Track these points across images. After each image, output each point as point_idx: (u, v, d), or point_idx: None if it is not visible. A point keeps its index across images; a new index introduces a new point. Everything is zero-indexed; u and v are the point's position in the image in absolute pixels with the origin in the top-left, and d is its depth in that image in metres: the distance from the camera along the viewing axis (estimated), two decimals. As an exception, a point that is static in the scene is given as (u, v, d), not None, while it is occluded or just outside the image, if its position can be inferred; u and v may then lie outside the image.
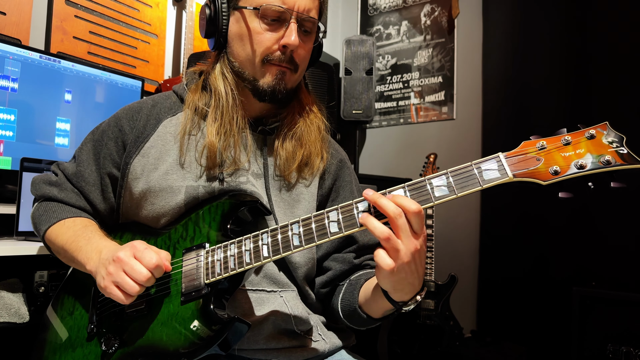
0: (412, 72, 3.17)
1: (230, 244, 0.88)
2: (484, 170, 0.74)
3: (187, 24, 2.49)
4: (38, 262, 1.38)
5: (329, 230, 0.80)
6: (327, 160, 1.12)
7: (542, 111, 2.48)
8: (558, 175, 0.71)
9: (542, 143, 0.73)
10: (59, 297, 1.08)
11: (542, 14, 2.54)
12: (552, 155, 0.72)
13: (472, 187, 0.74)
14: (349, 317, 1.03)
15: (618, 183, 0.69)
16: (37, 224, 1.07)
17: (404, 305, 0.86)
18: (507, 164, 0.73)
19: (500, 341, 2.48)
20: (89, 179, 1.07)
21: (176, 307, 0.89)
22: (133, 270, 0.83)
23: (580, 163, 0.70)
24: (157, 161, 1.02)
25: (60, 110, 1.83)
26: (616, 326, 1.85)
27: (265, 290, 1.00)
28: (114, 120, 1.09)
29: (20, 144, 1.71)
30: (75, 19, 2.18)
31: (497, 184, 0.73)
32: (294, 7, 0.98)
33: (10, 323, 1.27)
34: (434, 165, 2.43)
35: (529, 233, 2.47)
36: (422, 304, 2.33)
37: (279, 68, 1.01)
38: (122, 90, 2.05)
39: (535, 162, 0.73)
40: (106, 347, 0.93)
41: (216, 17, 1.04)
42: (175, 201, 0.99)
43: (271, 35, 0.99)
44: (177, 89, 1.13)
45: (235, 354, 0.98)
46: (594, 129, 0.71)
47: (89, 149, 1.09)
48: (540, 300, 2.41)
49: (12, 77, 1.69)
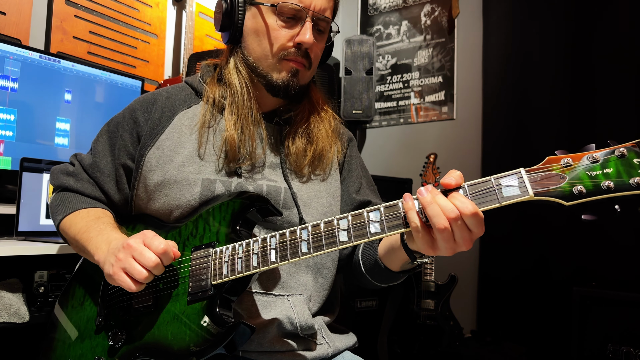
0: (412, 72, 3.17)
1: (238, 246, 0.88)
2: (504, 187, 0.70)
3: (187, 24, 2.49)
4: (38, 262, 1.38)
5: (338, 240, 0.79)
6: (340, 153, 1.16)
7: (543, 111, 2.48)
8: (583, 198, 0.66)
9: (568, 160, 0.68)
10: (70, 288, 1.09)
11: (542, 13, 2.54)
12: (577, 174, 0.67)
13: (490, 204, 0.71)
14: (371, 270, 1.04)
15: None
16: (54, 213, 1.09)
17: (420, 257, 0.86)
18: (528, 180, 0.69)
19: (500, 341, 2.48)
20: (104, 169, 1.08)
21: (183, 306, 0.90)
22: (142, 256, 0.84)
23: (607, 184, 0.65)
24: (173, 153, 1.03)
25: (60, 110, 1.83)
26: (616, 326, 1.84)
27: (272, 294, 1.00)
28: (128, 112, 1.10)
29: (20, 144, 1.71)
30: (75, 18, 2.18)
31: (516, 202, 0.69)
32: (311, 6, 1.00)
33: (10, 323, 1.27)
34: (434, 165, 2.43)
35: (529, 233, 2.47)
36: (422, 304, 2.33)
37: (294, 64, 1.03)
38: (122, 90, 2.05)
39: (559, 181, 0.68)
40: (113, 342, 0.93)
41: (232, 11, 1.05)
42: (191, 194, 0.99)
43: (287, 32, 1.01)
44: (191, 81, 1.13)
45: (239, 355, 0.98)
46: (624, 147, 0.65)
47: (104, 140, 1.10)
48: (540, 300, 2.41)
49: (12, 77, 1.69)
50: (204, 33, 2.73)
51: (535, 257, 2.45)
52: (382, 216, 0.77)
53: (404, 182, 2.67)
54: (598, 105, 2.30)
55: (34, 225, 1.52)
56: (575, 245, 2.30)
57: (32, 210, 1.52)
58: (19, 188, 1.50)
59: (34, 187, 1.53)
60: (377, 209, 0.78)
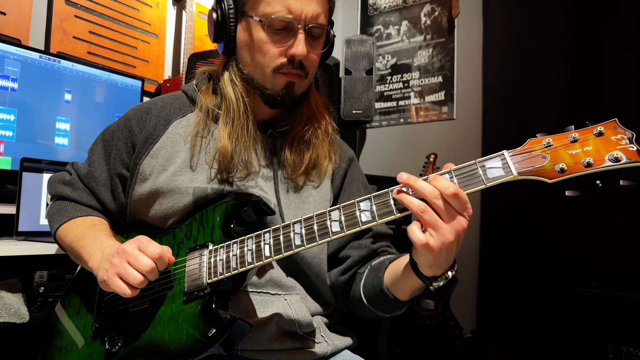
0: (412, 72, 3.17)
1: (233, 244, 0.89)
2: (488, 169, 0.72)
3: (187, 24, 2.49)
4: (38, 262, 1.38)
5: (330, 230, 0.80)
6: (336, 162, 1.13)
7: (543, 111, 2.47)
8: (565, 174, 0.69)
9: (549, 140, 0.71)
10: (67, 294, 1.09)
11: (542, 13, 2.54)
12: (558, 153, 0.70)
13: (476, 186, 0.73)
14: (374, 301, 1.02)
15: (627, 181, 0.67)
16: (51, 221, 1.10)
17: (434, 280, 0.84)
18: (511, 161, 0.72)
19: (500, 341, 2.49)
20: (99, 179, 1.08)
21: (179, 306, 0.90)
22: (137, 261, 0.84)
23: (587, 160, 0.67)
24: (167, 162, 1.03)
25: (60, 110, 1.83)
26: (616, 326, 1.84)
27: (269, 293, 1.00)
28: (123, 121, 1.09)
29: (20, 143, 1.71)
30: (75, 19, 2.18)
31: (501, 182, 0.72)
32: (301, 15, 0.95)
33: (10, 323, 1.27)
34: (434, 165, 2.43)
35: (529, 233, 2.47)
36: (422, 304, 2.33)
37: (289, 77, 1.00)
38: (122, 90, 2.05)
39: (541, 160, 0.70)
40: (110, 346, 0.93)
41: (224, 22, 1.02)
42: (184, 202, 1.00)
43: (279, 45, 0.97)
44: (186, 90, 1.13)
45: (238, 354, 0.98)
46: (602, 126, 0.69)
47: (100, 149, 1.10)
48: (540, 300, 2.41)
49: (12, 77, 1.69)
50: (204, 33, 2.73)
51: (536, 257, 2.45)
52: (373, 204, 0.78)
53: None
54: (598, 105, 2.30)
55: (34, 225, 1.52)
56: (576, 245, 2.30)
57: (32, 210, 1.52)
58: (19, 188, 1.50)
59: (34, 187, 1.53)
60: (367, 199, 0.79)
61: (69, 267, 1.40)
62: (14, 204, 1.53)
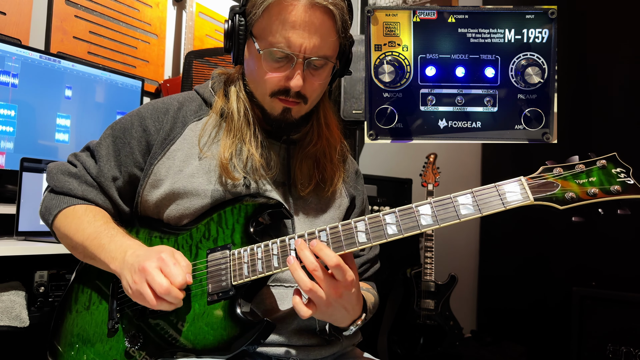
0: (412, 72, 3.17)
1: (257, 247, 0.91)
2: (507, 193, 0.82)
3: (187, 24, 2.49)
4: (38, 262, 1.38)
5: (357, 240, 0.85)
6: (344, 177, 1.15)
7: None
8: (574, 203, 0.80)
9: (559, 170, 0.82)
10: (72, 291, 1.08)
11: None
12: (568, 182, 0.81)
13: (496, 208, 0.82)
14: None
15: (624, 210, 0.79)
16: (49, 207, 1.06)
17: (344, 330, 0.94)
18: (528, 187, 0.82)
19: (500, 341, 2.49)
20: (108, 174, 1.06)
21: (202, 307, 0.92)
22: (157, 285, 0.85)
23: (593, 191, 0.79)
24: (183, 164, 1.03)
25: (61, 106, 1.83)
26: (616, 326, 1.85)
27: (283, 286, 1.02)
28: (137, 120, 1.07)
29: (20, 140, 1.70)
30: (75, 19, 2.18)
31: (518, 206, 0.81)
32: (301, 48, 0.94)
33: (11, 327, 1.27)
34: (433, 166, 2.43)
35: (529, 233, 2.47)
36: (422, 304, 2.33)
37: (286, 104, 1.00)
38: (122, 90, 2.05)
39: (553, 188, 0.81)
40: (131, 344, 0.94)
41: (233, 35, 1.01)
42: (201, 204, 1.00)
43: (277, 74, 0.97)
44: (201, 91, 1.12)
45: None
46: (604, 160, 0.81)
47: (109, 144, 1.07)
48: (540, 300, 2.41)
49: (12, 72, 1.69)
50: (204, 33, 2.73)
51: (536, 257, 2.45)
52: (398, 218, 0.84)
53: (404, 182, 2.67)
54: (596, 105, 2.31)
55: (34, 225, 1.52)
56: (575, 245, 2.30)
57: (32, 210, 1.52)
58: (19, 188, 1.50)
59: (34, 187, 1.53)
60: (393, 212, 0.85)
61: (69, 267, 1.41)
62: (14, 204, 1.53)
